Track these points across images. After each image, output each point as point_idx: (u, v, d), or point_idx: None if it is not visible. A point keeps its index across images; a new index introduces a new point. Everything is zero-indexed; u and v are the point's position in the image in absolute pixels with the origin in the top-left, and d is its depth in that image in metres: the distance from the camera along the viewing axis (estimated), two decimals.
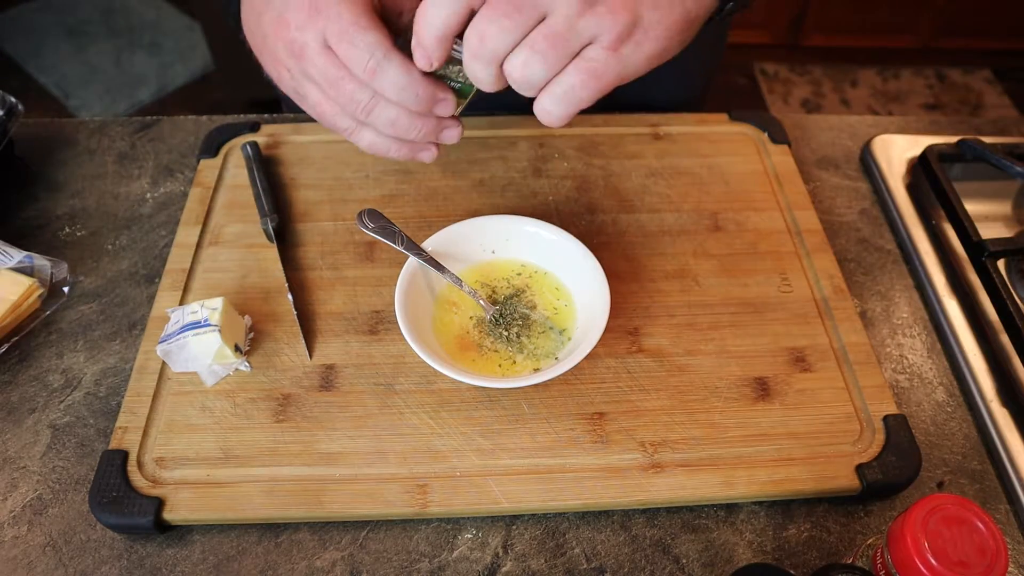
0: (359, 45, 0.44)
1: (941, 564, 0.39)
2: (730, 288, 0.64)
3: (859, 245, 0.71)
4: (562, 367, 0.53)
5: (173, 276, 0.63)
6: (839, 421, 0.56)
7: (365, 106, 0.47)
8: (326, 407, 0.56)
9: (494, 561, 0.51)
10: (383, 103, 0.47)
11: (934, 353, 0.64)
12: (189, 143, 0.78)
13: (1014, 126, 0.83)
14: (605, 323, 0.55)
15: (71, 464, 0.55)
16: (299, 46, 0.46)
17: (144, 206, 0.72)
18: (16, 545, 0.51)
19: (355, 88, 0.46)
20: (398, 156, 0.52)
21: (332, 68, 0.46)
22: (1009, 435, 0.57)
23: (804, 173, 0.76)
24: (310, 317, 0.61)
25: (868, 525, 0.53)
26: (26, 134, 0.76)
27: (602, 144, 0.76)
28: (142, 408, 0.55)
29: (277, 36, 0.47)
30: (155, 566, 0.50)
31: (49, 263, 0.64)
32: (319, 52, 0.46)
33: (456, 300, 0.61)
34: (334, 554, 0.51)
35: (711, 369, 0.59)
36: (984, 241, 0.66)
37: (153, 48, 2.42)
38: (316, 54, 0.46)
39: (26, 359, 0.60)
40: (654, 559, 0.51)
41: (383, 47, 0.45)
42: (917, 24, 2.34)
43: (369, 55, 0.44)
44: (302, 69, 0.47)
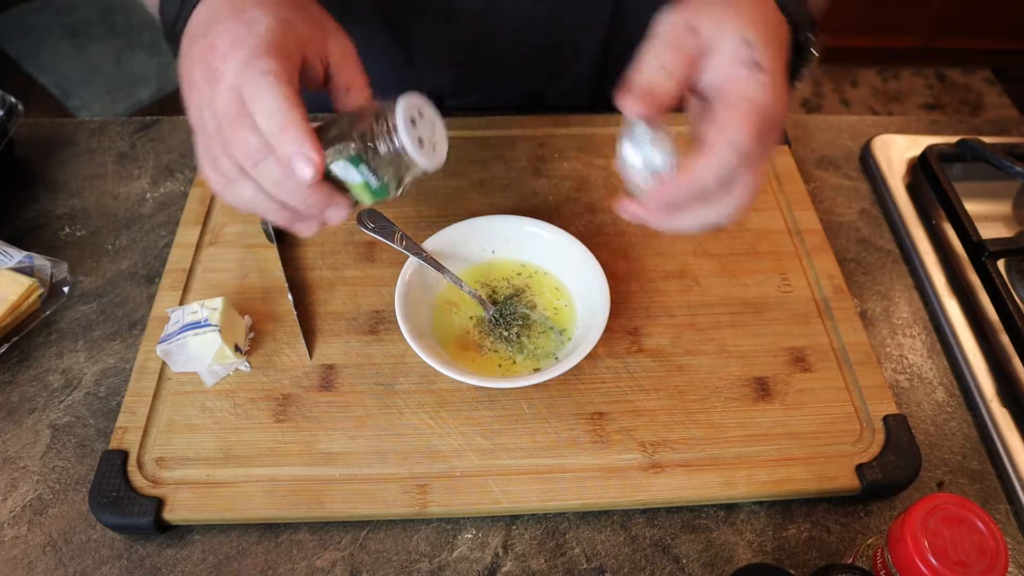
0: (267, 100, 0.40)
1: (941, 564, 0.39)
2: (730, 288, 0.64)
3: (859, 245, 0.71)
4: (562, 367, 0.53)
5: (173, 276, 0.63)
6: (839, 421, 0.56)
7: (253, 154, 0.42)
8: (326, 407, 0.56)
9: (494, 561, 0.51)
10: (272, 158, 0.42)
11: (934, 353, 0.64)
12: (189, 143, 0.77)
13: (1014, 126, 0.83)
14: (605, 323, 0.55)
15: (71, 464, 0.55)
16: (217, 76, 0.42)
17: (144, 206, 0.72)
18: (16, 545, 0.51)
19: (249, 133, 0.41)
20: (275, 221, 0.46)
21: (234, 106, 0.41)
22: (1009, 435, 0.57)
23: (804, 173, 0.76)
24: (310, 317, 0.61)
25: (868, 525, 0.53)
26: (26, 134, 0.76)
27: (602, 144, 0.76)
28: (142, 408, 0.55)
29: (202, 59, 0.43)
30: (155, 566, 0.50)
31: (49, 263, 0.64)
32: (231, 88, 0.41)
33: (456, 300, 0.61)
34: (334, 554, 0.51)
35: (711, 369, 0.59)
36: (984, 241, 0.66)
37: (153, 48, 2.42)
38: (228, 89, 0.41)
39: (26, 359, 0.60)
40: (654, 559, 0.51)
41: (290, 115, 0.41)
42: (917, 24, 2.34)
43: (272, 118, 0.40)
44: (209, 98, 0.43)
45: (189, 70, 0.44)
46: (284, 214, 0.45)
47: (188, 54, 0.45)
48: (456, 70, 0.79)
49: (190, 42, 0.46)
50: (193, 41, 0.45)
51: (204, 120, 0.44)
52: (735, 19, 0.44)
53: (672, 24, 0.44)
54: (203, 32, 0.44)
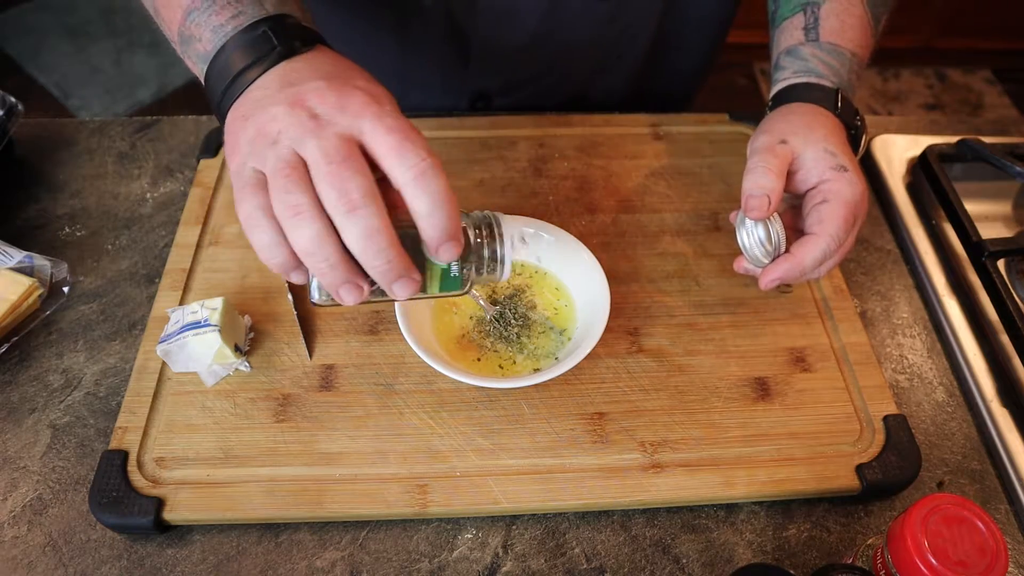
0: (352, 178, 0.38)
1: (941, 564, 0.39)
2: (730, 288, 0.64)
3: (859, 245, 0.71)
4: (562, 367, 0.53)
5: (173, 276, 0.63)
6: (839, 421, 0.56)
7: (359, 199, 0.38)
8: (326, 407, 0.56)
9: (494, 561, 0.51)
10: (376, 209, 0.38)
11: (934, 353, 0.64)
12: (189, 143, 0.78)
13: (1014, 126, 0.83)
14: (605, 323, 0.55)
15: (71, 464, 0.55)
16: (337, 106, 0.40)
17: (144, 206, 0.72)
18: (16, 545, 0.51)
19: (362, 178, 0.38)
20: (327, 283, 0.40)
21: (349, 149, 0.39)
22: (1009, 435, 0.57)
23: None
24: (310, 317, 0.61)
25: (868, 525, 0.53)
26: (26, 134, 0.76)
27: (602, 144, 0.76)
28: (142, 408, 0.55)
29: (302, 97, 0.40)
30: (155, 566, 0.50)
31: (49, 263, 0.64)
32: (346, 132, 0.39)
33: (456, 300, 0.60)
34: (334, 554, 0.51)
35: (711, 369, 0.59)
36: (984, 241, 0.66)
37: (153, 48, 2.42)
38: (345, 131, 0.39)
39: (26, 359, 0.60)
40: (654, 559, 0.51)
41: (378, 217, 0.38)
42: (917, 24, 2.34)
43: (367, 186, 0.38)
44: (318, 129, 0.39)
45: (278, 103, 0.40)
46: (341, 270, 0.39)
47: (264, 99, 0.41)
48: (508, 70, 0.81)
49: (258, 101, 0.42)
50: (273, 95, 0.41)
51: (305, 144, 0.39)
52: (814, 133, 0.56)
53: (767, 139, 0.56)
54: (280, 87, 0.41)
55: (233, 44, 0.44)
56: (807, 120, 0.57)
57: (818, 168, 0.55)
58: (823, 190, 0.54)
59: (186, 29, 0.46)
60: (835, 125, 0.57)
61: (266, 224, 0.39)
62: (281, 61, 0.43)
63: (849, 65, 0.60)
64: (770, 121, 0.58)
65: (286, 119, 0.39)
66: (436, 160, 0.40)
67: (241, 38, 0.44)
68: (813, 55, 0.60)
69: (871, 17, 0.62)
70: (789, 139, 0.55)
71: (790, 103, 0.59)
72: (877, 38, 0.64)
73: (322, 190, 0.38)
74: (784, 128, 0.56)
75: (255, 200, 0.39)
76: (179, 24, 0.47)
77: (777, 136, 0.56)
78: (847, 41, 0.61)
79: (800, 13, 0.62)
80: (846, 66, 0.60)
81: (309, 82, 0.41)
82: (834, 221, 0.54)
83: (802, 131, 0.56)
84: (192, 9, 0.46)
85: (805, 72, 0.60)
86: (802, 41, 0.61)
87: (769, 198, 0.53)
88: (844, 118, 0.58)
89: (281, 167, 0.38)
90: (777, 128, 0.57)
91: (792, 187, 0.56)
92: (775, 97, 0.61)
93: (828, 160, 0.54)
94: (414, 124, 0.41)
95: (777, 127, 0.57)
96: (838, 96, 0.58)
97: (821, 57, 0.60)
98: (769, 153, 0.55)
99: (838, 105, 0.58)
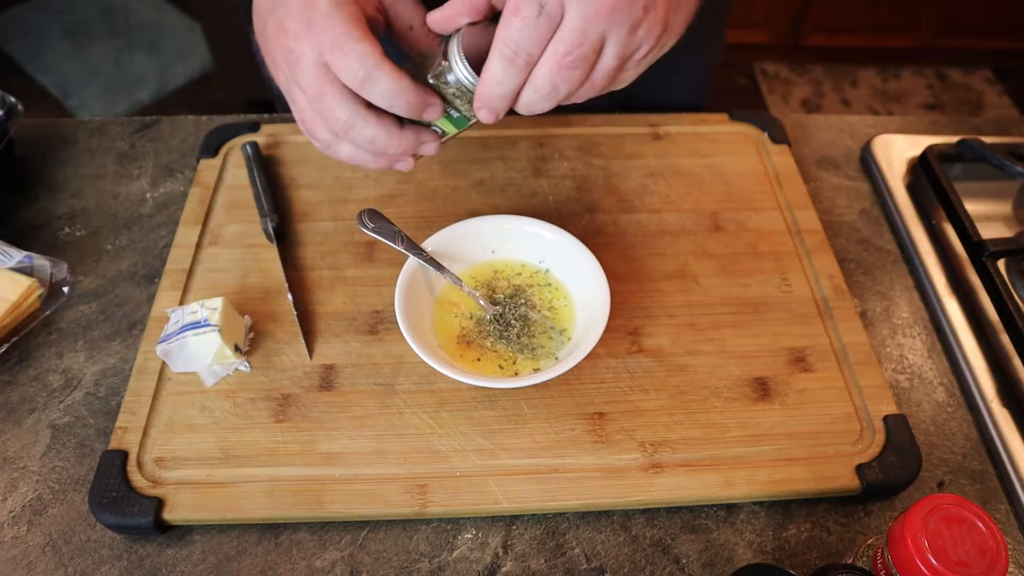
0: (350, 55, 0.45)
1: (941, 564, 0.39)
2: (730, 288, 0.64)
3: (859, 245, 0.71)
4: (562, 367, 0.53)
5: (173, 276, 0.63)
6: (839, 421, 0.56)
7: (344, 123, 0.48)
8: (326, 407, 0.56)
9: (494, 561, 0.51)
10: (361, 123, 0.48)
11: (934, 353, 0.64)
12: (189, 143, 0.78)
13: (1014, 126, 0.83)
14: (605, 323, 0.55)
15: (71, 464, 0.55)
16: (295, 56, 0.47)
17: (144, 206, 0.72)
18: (16, 545, 0.51)
19: (336, 105, 0.47)
20: (375, 167, 0.53)
21: (318, 83, 0.47)
22: (1009, 435, 0.57)
23: (804, 173, 0.76)
24: (310, 317, 0.61)
25: (868, 525, 0.53)
26: (26, 134, 0.76)
27: (602, 144, 0.76)
28: (142, 408, 0.55)
29: (276, 42, 0.49)
30: (155, 566, 0.50)
31: (49, 263, 0.64)
32: (312, 65, 0.47)
33: (456, 300, 0.61)
34: (334, 554, 0.51)
35: (711, 369, 0.59)
36: (984, 241, 0.66)
37: (153, 48, 2.42)
38: (309, 66, 0.47)
39: (26, 359, 0.60)
40: (654, 559, 0.51)
41: (374, 57, 0.45)
42: (917, 24, 2.34)
43: (360, 64, 0.45)
44: (294, 77, 0.48)
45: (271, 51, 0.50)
46: (382, 161, 0.52)
47: (262, 32, 0.51)
48: None
49: (261, 20, 0.51)
50: (264, 20, 0.50)
51: (294, 95, 0.50)
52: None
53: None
54: (270, 11, 0.49)
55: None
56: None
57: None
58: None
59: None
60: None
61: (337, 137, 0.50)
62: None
63: None
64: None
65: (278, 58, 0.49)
66: (372, 62, 0.45)
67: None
68: None
69: None
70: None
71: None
72: None
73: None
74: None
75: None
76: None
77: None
78: None
79: None
80: None
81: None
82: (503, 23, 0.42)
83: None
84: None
85: None
86: None
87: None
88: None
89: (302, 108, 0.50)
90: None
91: None
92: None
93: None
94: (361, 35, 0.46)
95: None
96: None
97: None
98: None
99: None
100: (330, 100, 0.47)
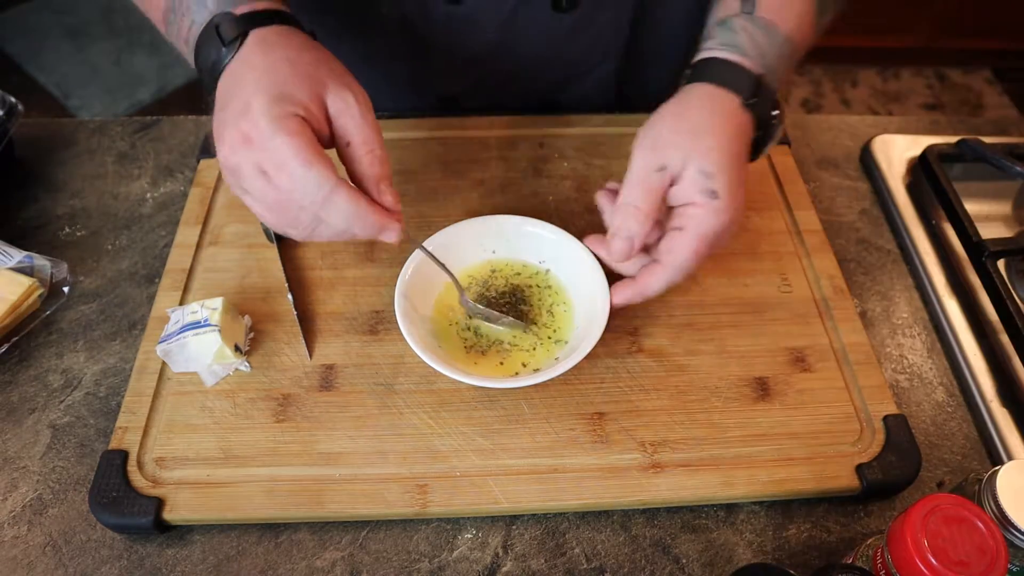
0: (302, 179, 0.44)
1: (941, 564, 0.39)
2: (730, 288, 0.64)
3: (859, 245, 0.71)
4: (562, 367, 0.53)
5: (173, 276, 0.63)
6: (839, 421, 0.56)
7: (308, 225, 0.47)
8: (326, 407, 0.56)
9: (494, 561, 0.51)
10: (326, 224, 0.47)
11: (934, 353, 0.64)
12: (189, 143, 0.78)
13: (1014, 126, 0.83)
14: (605, 323, 0.55)
15: (71, 464, 0.55)
16: (232, 166, 0.46)
17: (144, 206, 0.72)
18: (16, 545, 0.51)
19: (298, 211, 0.46)
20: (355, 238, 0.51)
21: (271, 192, 0.45)
22: (1009, 435, 0.57)
23: (804, 173, 0.76)
24: (310, 317, 0.61)
25: (868, 525, 0.53)
26: (26, 134, 0.76)
27: (602, 144, 0.76)
28: (142, 408, 0.55)
29: (219, 145, 0.46)
30: (155, 566, 0.50)
31: (49, 263, 0.64)
32: (255, 176, 0.45)
33: (455, 302, 0.60)
34: (334, 554, 0.51)
35: (711, 369, 0.59)
36: (984, 241, 0.66)
37: (153, 48, 2.41)
38: (252, 177, 0.45)
39: (26, 359, 0.60)
40: (654, 559, 0.51)
41: (329, 183, 0.44)
42: (917, 24, 2.33)
43: (316, 189, 0.44)
44: (239, 185, 0.47)
45: (229, 155, 0.46)
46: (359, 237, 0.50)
47: (220, 135, 0.47)
48: (473, 75, 0.80)
49: (215, 111, 0.48)
50: (215, 112, 0.48)
51: (247, 201, 0.47)
52: (700, 143, 0.51)
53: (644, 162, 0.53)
54: (219, 104, 0.48)
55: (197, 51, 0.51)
56: (700, 123, 0.52)
57: (689, 190, 0.51)
58: (684, 214, 0.52)
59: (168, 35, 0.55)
60: (735, 127, 0.53)
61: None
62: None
63: (780, 48, 0.55)
64: (660, 118, 0.54)
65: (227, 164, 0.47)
66: (329, 186, 0.45)
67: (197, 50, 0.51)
68: (743, 28, 0.55)
69: (816, 5, 0.58)
70: (668, 160, 0.52)
71: (702, 82, 0.54)
72: (818, 33, 0.60)
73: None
74: (667, 140, 0.52)
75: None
76: (164, 30, 0.55)
77: (657, 158, 0.52)
78: (783, 21, 0.56)
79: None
80: (775, 48, 0.55)
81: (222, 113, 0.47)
82: (683, 253, 0.52)
83: (687, 142, 0.52)
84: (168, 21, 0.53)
85: (729, 46, 0.55)
86: (737, 12, 0.56)
87: (634, 243, 0.52)
88: (757, 110, 0.54)
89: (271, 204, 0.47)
90: (660, 139, 0.53)
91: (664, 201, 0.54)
92: (694, 67, 0.56)
93: (701, 183, 0.51)
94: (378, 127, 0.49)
95: (662, 135, 0.53)
96: (758, 83, 0.53)
97: (751, 32, 0.55)
98: (642, 187, 0.52)
99: (754, 94, 0.53)
100: (290, 208, 0.46)
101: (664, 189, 0.52)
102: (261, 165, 0.44)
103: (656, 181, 0.52)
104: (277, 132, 0.43)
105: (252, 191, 0.46)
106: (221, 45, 0.48)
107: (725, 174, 0.51)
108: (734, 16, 0.57)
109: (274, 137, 0.43)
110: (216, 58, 0.48)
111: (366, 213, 0.47)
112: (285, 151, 0.43)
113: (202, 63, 0.50)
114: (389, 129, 0.76)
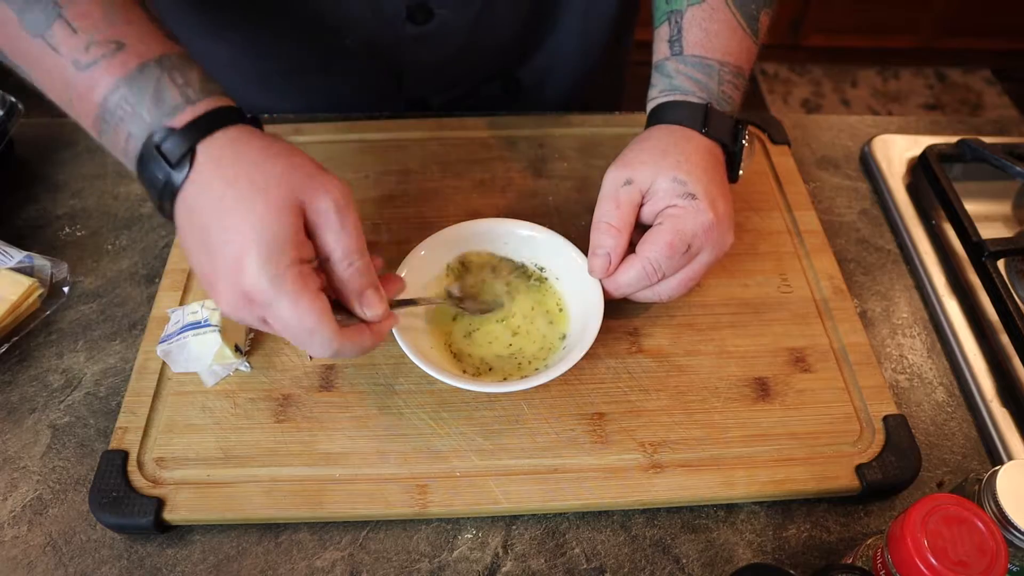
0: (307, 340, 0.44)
1: (941, 564, 0.39)
2: (730, 288, 0.64)
3: (859, 245, 0.71)
4: (561, 368, 0.52)
5: (173, 276, 0.63)
6: (839, 421, 0.56)
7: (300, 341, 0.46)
8: (326, 407, 0.56)
9: (494, 561, 0.51)
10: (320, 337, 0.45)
11: (934, 353, 0.64)
12: None
13: (1014, 126, 0.83)
14: (599, 323, 0.54)
15: (71, 464, 0.55)
16: (235, 318, 0.45)
17: (144, 206, 0.72)
18: (16, 545, 0.51)
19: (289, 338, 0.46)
20: None
21: (276, 330, 0.45)
22: (1009, 435, 0.57)
23: (804, 173, 0.76)
24: None
25: (868, 525, 0.53)
26: (26, 134, 0.76)
27: (602, 144, 0.76)
28: (142, 408, 0.55)
29: (215, 297, 0.45)
30: (155, 566, 0.50)
31: (49, 263, 0.64)
32: (260, 324, 0.45)
33: (449, 316, 0.60)
34: (334, 554, 0.51)
35: (711, 369, 0.59)
36: (984, 241, 0.66)
37: None
38: (256, 324, 0.45)
39: (26, 359, 0.60)
40: (654, 559, 0.51)
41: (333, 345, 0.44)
42: (917, 24, 2.33)
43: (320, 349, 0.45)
44: (237, 317, 0.45)
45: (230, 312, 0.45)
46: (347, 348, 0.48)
47: (213, 287, 0.45)
48: (442, 78, 0.80)
49: (184, 239, 0.46)
50: (189, 248, 0.46)
51: (251, 318, 0.45)
52: (666, 160, 0.54)
53: (612, 179, 0.55)
54: (196, 246, 0.45)
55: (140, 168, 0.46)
56: (663, 145, 0.55)
57: (665, 198, 0.54)
58: (664, 214, 0.54)
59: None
60: (698, 147, 0.55)
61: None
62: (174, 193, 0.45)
63: (719, 76, 0.58)
64: (627, 149, 0.57)
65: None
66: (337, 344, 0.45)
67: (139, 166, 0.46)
68: (678, 70, 0.58)
69: (742, 17, 0.59)
70: (635, 175, 0.54)
71: (658, 124, 0.57)
72: (760, 35, 0.60)
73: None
74: (633, 159, 0.55)
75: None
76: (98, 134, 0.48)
77: (624, 173, 0.55)
78: (713, 51, 0.58)
79: (665, 23, 0.60)
80: (715, 78, 0.57)
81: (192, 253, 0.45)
82: (655, 245, 0.53)
83: (652, 160, 0.54)
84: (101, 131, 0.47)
85: (670, 90, 0.58)
86: (667, 55, 0.59)
87: (610, 256, 0.54)
88: (715, 135, 0.56)
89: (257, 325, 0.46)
90: (627, 159, 0.56)
91: (641, 219, 0.55)
92: (648, 116, 0.60)
93: (676, 189, 0.53)
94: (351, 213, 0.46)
95: (628, 157, 0.56)
96: (706, 112, 0.56)
97: (686, 72, 0.58)
98: (612, 202, 0.54)
99: (706, 122, 0.56)
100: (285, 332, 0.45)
101: (634, 204, 0.55)
102: (265, 318, 0.44)
103: (624, 194, 0.54)
104: (280, 295, 0.42)
105: (257, 327, 0.46)
106: (168, 166, 0.44)
107: (700, 182, 0.53)
108: (666, 60, 0.59)
109: (278, 300, 0.42)
110: (166, 179, 0.44)
111: (365, 346, 0.47)
112: (289, 315, 0.43)
113: (148, 182, 0.45)
114: (389, 129, 0.76)
